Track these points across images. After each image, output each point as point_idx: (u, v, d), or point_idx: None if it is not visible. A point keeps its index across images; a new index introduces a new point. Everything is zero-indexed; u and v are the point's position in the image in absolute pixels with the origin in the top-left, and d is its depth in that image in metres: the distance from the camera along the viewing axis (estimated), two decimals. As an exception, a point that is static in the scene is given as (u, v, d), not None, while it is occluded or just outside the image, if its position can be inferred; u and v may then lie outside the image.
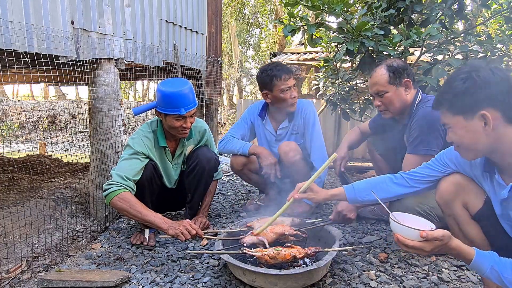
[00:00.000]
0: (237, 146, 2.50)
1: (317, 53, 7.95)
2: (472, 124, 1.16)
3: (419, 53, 2.85)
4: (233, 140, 2.54)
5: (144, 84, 21.58)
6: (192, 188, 2.25)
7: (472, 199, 1.37)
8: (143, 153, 2.03)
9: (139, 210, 1.84)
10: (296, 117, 2.53)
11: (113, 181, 1.87)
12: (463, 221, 1.39)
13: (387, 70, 1.94)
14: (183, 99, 1.96)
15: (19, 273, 1.75)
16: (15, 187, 3.03)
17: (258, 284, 1.53)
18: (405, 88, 1.95)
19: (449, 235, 1.13)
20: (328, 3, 2.41)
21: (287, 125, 2.53)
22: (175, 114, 1.96)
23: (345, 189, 1.67)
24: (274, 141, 2.60)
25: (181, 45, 3.71)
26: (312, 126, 2.47)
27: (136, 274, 1.75)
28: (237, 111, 6.68)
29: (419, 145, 1.86)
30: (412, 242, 1.13)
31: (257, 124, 2.66)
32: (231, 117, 12.77)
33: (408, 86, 1.95)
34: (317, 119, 2.50)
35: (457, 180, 1.40)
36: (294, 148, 2.37)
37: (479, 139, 1.17)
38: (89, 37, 2.33)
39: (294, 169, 2.40)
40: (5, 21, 1.77)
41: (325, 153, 2.48)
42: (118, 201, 1.83)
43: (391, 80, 1.94)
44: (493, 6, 2.83)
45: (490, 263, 1.10)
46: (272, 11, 15.61)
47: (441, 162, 1.47)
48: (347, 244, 2.08)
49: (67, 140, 10.50)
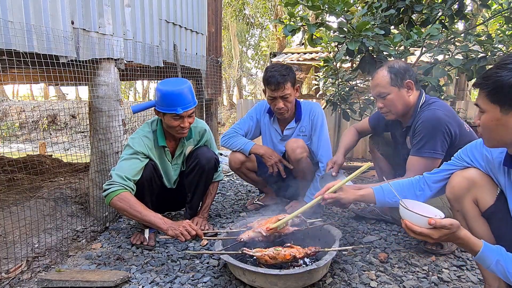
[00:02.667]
0: (240, 143, 2.49)
1: (317, 53, 7.96)
2: (507, 118, 1.11)
3: (419, 53, 2.85)
4: (237, 136, 2.54)
5: (144, 84, 21.58)
6: (191, 188, 2.25)
7: (483, 196, 1.34)
8: (143, 153, 2.03)
9: (139, 210, 1.84)
10: (303, 119, 2.49)
11: (113, 181, 1.87)
12: (471, 218, 1.37)
13: (389, 71, 1.92)
14: (181, 98, 1.96)
15: (19, 273, 1.75)
16: (15, 187, 3.03)
17: (258, 284, 1.53)
18: (407, 89, 1.93)
19: (458, 225, 1.12)
20: (329, 3, 2.41)
21: (294, 125, 2.51)
22: (172, 113, 1.97)
23: (375, 190, 1.62)
24: (279, 141, 2.58)
25: (181, 45, 3.71)
26: (320, 129, 2.43)
27: (136, 274, 1.75)
28: (237, 111, 6.68)
29: (423, 148, 1.84)
30: (420, 229, 1.13)
31: (264, 121, 2.63)
32: (231, 117, 12.77)
33: (410, 87, 1.93)
34: (325, 122, 2.47)
35: (471, 175, 1.37)
36: (302, 145, 2.36)
37: (506, 134, 1.13)
38: (89, 37, 2.33)
39: (300, 167, 2.40)
40: (5, 21, 1.77)
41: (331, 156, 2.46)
42: (118, 201, 1.83)
43: (392, 81, 1.91)
44: (493, 6, 2.83)
45: (496, 257, 1.10)
46: (272, 10, 15.61)
47: (458, 157, 1.45)
48: (347, 244, 2.08)
49: (67, 140, 10.50)
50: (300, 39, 10.43)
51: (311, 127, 2.47)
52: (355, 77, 4.04)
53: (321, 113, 2.46)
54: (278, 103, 2.33)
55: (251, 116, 2.64)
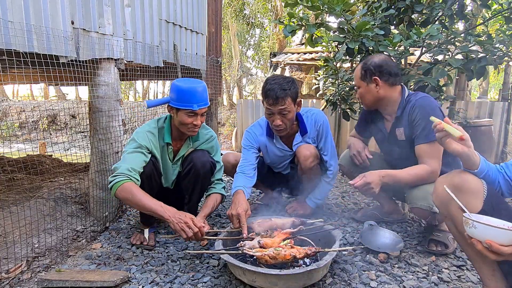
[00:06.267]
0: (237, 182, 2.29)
1: (317, 53, 7.95)
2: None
3: (419, 53, 2.84)
4: (237, 177, 2.35)
5: (144, 84, 21.58)
6: (189, 191, 2.25)
7: (470, 200, 1.29)
8: (147, 147, 2.05)
9: (140, 198, 1.81)
10: (310, 131, 2.40)
11: (118, 173, 1.87)
12: (460, 223, 1.37)
13: (362, 67, 2.09)
14: (197, 96, 2.01)
15: (19, 273, 1.75)
16: (15, 187, 3.03)
17: (258, 284, 1.53)
18: (375, 85, 2.04)
19: None
20: (328, 3, 2.40)
21: (300, 140, 2.41)
22: (187, 109, 1.99)
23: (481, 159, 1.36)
24: (289, 155, 2.49)
25: (181, 45, 3.71)
26: (326, 137, 2.40)
27: (136, 274, 1.75)
28: (237, 111, 6.67)
29: (430, 133, 1.86)
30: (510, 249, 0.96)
31: (265, 144, 2.49)
32: (231, 117, 12.76)
33: (377, 83, 2.03)
34: (330, 129, 2.44)
35: (453, 182, 1.34)
36: (314, 154, 2.30)
37: None
38: (89, 37, 2.32)
39: (309, 174, 2.37)
40: (5, 21, 1.77)
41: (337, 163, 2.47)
42: (121, 191, 1.82)
43: (362, 76, 2.08)
44: (493, 6, 2.82)
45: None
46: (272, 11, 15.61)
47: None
48: (347, 244, 2.08)
49: (67, 140, 10.50)
50: (300, 39, 10.44)
51: (317, 136, 2.41)
52: (355, 77, 4.03)
53: (325, 121, 2.41)
54: (276, 119, 2.18)
55: (251, 147, 2.46)
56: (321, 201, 2.51)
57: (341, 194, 3.21)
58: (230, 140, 9.90)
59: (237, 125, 7.34)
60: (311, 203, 2.46)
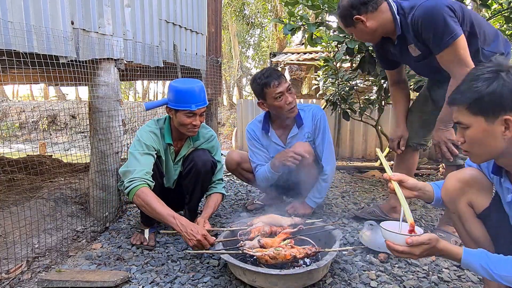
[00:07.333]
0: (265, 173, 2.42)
1: (317, 53, 7.95)
2: (493, 127, 1.08)
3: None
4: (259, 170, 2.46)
5: (144, 84, 21.60)
6: (189, 190, 2.25)
7: (478, 198, 1.33)
8: (154, 148, 2.06)
9: (155, 207, 1.83)
10: (306, 123, 2.42)
11: (135, 177, 1.88)
12: (467, 220, 1.37)
13: (339, 18, 2.00)
14: (195, 96, 2.01)
15: (19, 273, 1.75)
16: (15, 187, 3.03)
17: (259, 284, 1.53)
18: (361, 22, 1.89)
19: (436, 238, 1.14)
20: (328, 2, 2.41)
21: (296, 132, 2.42)
22: (186, 110, 2.00)
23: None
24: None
25: (181, 45, 3.71)
26: (323, 132, 2.40)
27: (136, 274, 1.75)
28: (237, 111, 6.68)
29: (443, 39, 1.71)
30: (402, 248, 1.16)
31: (262, 139, 2.53)
32: (231, 117, 12.77)
33: (361, 20, 1.88)
34: (327, 124, 2.44)
35: (464, 177, 1.37)
36: (308, 150, 2.29)
37: (495, 144, 1.10)
38: (89, 37, 2.33)
39: (305, 171, 2.36)
40: (5, 21, 1.76)
41: (334, 160, 2.48)
42: (138, 197, 1.84)
43: (346, 25, 1.98)
44: (493, 6, 2.82)
45: (479, 262, 1.10)
46: (272, 10, 15.61)
47: None
48: (347, 244, 2.08)
49: (67, 140, 10.50)
50: (300, 39, 10.44)
51: (315, 131, 2.42)
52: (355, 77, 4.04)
53: (323, 116, 2.42)
54: (287, 97, 2.27)
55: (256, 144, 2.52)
56: (321, 200, 2.50)
57: (341, 194, 3.21)
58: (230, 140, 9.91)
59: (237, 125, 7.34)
60: (311, 203, 2.45)
